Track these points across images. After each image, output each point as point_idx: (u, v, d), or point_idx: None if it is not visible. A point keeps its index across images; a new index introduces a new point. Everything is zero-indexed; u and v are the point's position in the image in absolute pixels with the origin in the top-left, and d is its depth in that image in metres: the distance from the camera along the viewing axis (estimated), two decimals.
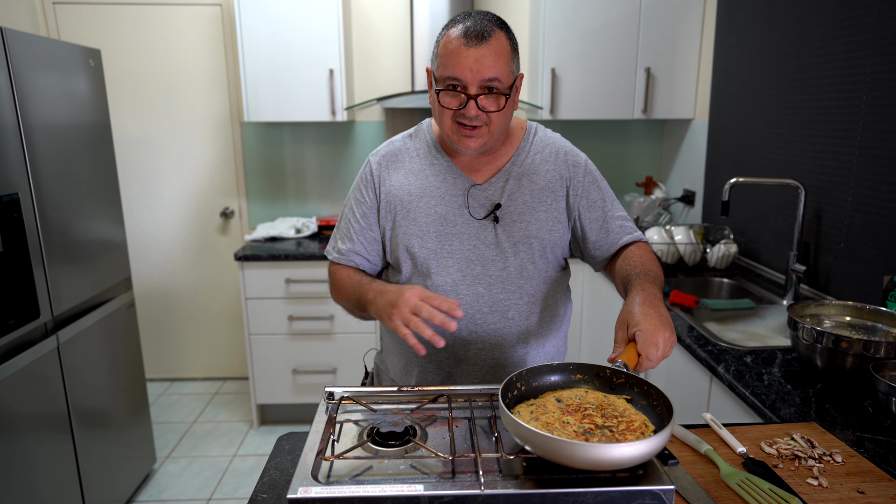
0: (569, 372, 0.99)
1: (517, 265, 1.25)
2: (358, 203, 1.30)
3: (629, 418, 0.88)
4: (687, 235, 2.54)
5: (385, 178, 1.28)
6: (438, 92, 1.14)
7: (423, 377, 1.29)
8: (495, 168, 1.27)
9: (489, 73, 1.10)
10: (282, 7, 2.80)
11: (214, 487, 2.65)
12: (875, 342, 1.32)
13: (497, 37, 1.10)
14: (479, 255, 1.24)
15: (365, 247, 1.30)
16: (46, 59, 1.99)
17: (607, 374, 0.97)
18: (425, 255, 1.24)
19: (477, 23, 1.11)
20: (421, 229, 1.24)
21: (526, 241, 1.24)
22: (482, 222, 1.24)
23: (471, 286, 1.24)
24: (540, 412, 0.90)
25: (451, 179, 1.26)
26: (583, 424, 0.86)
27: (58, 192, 2.03)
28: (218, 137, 3.33)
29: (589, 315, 2.87)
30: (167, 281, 3.50)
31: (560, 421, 0.87)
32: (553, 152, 1.29)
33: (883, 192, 1.74)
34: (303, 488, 0.77)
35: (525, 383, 0.96)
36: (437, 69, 1.15)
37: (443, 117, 1.17)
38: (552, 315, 1.31)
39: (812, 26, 2.04)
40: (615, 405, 0.91)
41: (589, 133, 3.37)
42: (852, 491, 0.91)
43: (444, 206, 1.24)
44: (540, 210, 1.25)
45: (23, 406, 1.85)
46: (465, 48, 1.09)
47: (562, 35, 2.86)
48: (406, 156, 1.29)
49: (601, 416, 0.88)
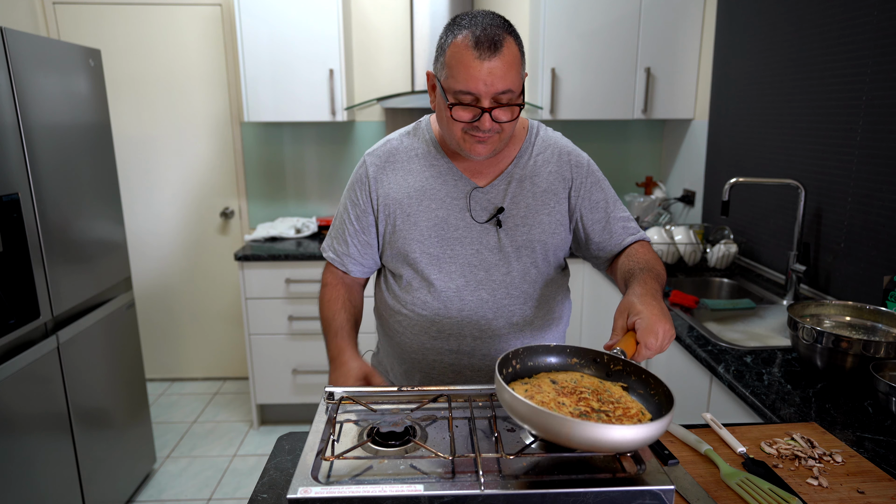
0: (566, 355, 0.98)
1: (520, 269, 1.23)
2: (353, 205, 1.28)
3: (625, 405, 0.87)
4: (687, 235, 2.54)
5: (382, 179, 1.25)
6: (451, 106, 1.09)
7: (427, 383, 1.27)
8: (497, 170, 1.24)
9: (502, 85, 1.06)
10: (282, 7, 2.80)
11: (214, 487, 2.65)
12: (875, 342, 1.32)
13: (508, 45, 1.06)
14: (482, 259, 1.22)
15: (359, 250, 1.29)
16: (46, 59, 1.99)
17: (604, 360, 0.96)
18: (427, 260, 1.22)
19: (487, 30, 1.05)
20: (422, 233, 1.22)
21: (529, 245, 1.23)
22: (484, 226, 1.22)
23: (475, 291, 1.23)
24: (535, 391, 0.89)
25: (453, 182, 1.23)
26: (578, 406, 0.85)
27: (58, 192, 2.03)
28: (218, 137, 3.33)
29: (589, 315, 2.87)
30: (167, 281, 3.50)
31: (556, 401, 0.86)
32: (555, 153, 1.27)
33: (883, 192, 1.74)
34: (303, 488, 0.77)
35: (521, 361, 0.95)
36: (445, 79, 1.10)
37: (452, 128, 1.13)
38: (554, 316, 1.30)
39: (812, 26, 2.04)
40: (611, 391, 0.90)
41: (589, 133, 3.37)
42: (852, 491, 0.91)
43: (446, 210, 1.22)
44: (543, 213, 1.24)
45: (23, 406, 1.85)
46: (477, 61, 1.04)
47: (562, 35, 2.86)
48: (404, 155, 1.26)
49: (597, 400, 0.88)
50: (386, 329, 1.34)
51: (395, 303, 1.29)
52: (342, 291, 1.31)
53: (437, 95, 1.15)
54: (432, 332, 1.24)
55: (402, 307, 1.27)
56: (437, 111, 1.18)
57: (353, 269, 1.32)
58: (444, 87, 1.11)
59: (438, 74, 1.13)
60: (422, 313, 1.24)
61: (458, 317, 1.23)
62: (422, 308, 1.24)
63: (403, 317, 1.27)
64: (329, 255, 1.33)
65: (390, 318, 1.31)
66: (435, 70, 1.14)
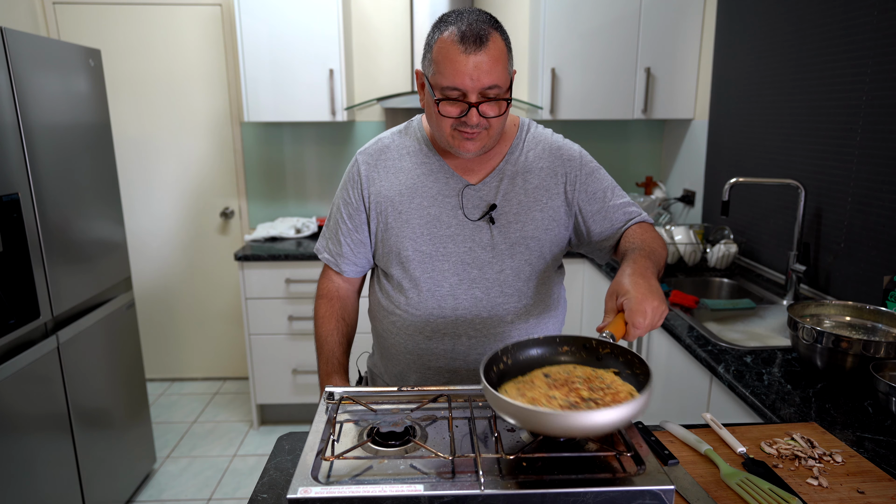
0: (555, 344, 0.99)
1: (514, 267, 1.23)
2: (346, 203, 1.28)
3: (615, 389, 0.88)
4: (687, 235, 2.54)
5: (374, 177, 1.25)
6: (438, 102, 1.10)
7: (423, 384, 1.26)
8: (489, 167, 1.24)
9: (489, 79, 1.06)
10: (282, 7, 2.81)
11: (214, 487, 2.65)
12: (875, 342, 1.32)
13: (494, 40, 1.06)
14: (474, 257, 1.22)
15: (352, 249, 1.30)
16: (46, 59, 1.99)
17: (593, 345, 0.97)
18: (419, 258, 1.22)
19: (472, 26, 1.05)
20: (414, 231, 1.22)
21: (523, 242, 1.22)
22: (477, 223, 1.22)
23: (468, 290, 1.22)
24: (526, 388, 0.90)
25: (444, 179, 1.23)
26: (568, 398, 0.86)
27: (58, 192, 2.03)
28: (218, 137, 3.33)
29: (589, 314, 2.86)
30: (167, 281, 3.50)
31: (546, 396, 0.87)
32: (546, 148, 1.26)
33: (883, 192, 1.74)
34: (303, 488, 0.77)
35: (511, 357, 0.96)
36: (432, 76, 1.10)
37: (441, 124, 1.13)
38: (550, 315, 1.30)
39: (812, 26, 2.04)
40: (602, 378, 0.91)
41: (589, 133, 3.37)
42: (852, 491, 0.91)
43: (437, 208, 1.22)
44: (535, 210, 1.23)
45: (23, 406, 1.85)
46: (462, 55, 1.05)
47: (562, 35, 2.86)
48: (395, 153, 1.26)
49: (588, 388, 0.89)
50: (380, 331, 1.34)
51: (388, 303, 1.29)
52: (336, 307, 1.34)
53: (425, 93, 1.15)
54: (427, 332, 1.24)
55: (395, 308, 1.27)
56: (426, 109, 1.18)
57: (347, 270, 1.32)
58: (431, 84, 1.11)
59: (426, 71, 1.13)
60: (415, 314, 1.24)
61: (453, 316, 1.23)
62: (415, 308, 1.24)
63: (397, 317, 1.27)
64: (324, 256, 1.34)
65: (384, 319, 1.31)
66: (423, 67, 1.14)
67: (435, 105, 1.11)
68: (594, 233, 1.27)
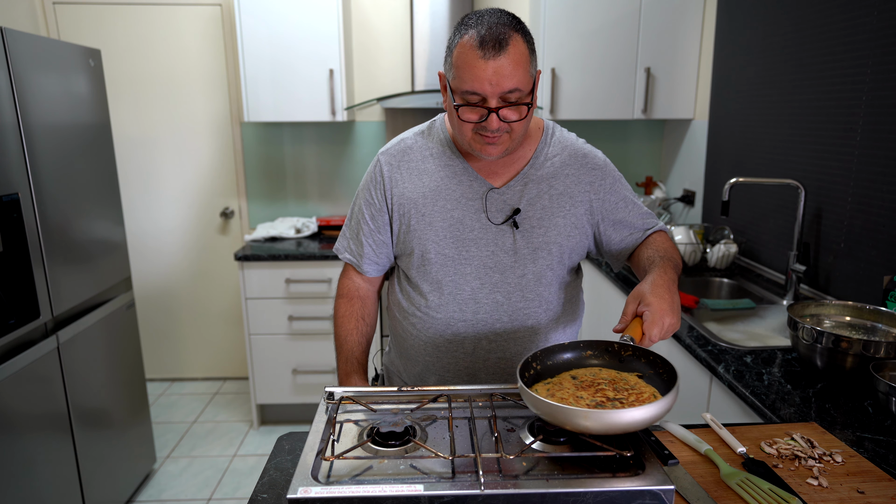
0: (580, 349, 1.04)
1: (535, 272, 1.22)
2: (368, 204, 1.27)
3: (639, 391, 0.92)
4: (687, 235, 2.54)
5: (397, 179, 1.24)
6: (458, 107, 1.09)
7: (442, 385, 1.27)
8: (514, 171, 1.23)
9: (509, 84, 1.04)
10: (282, 7, 2.80)
11: (214, 487, 2.65)
12: (875, 342, 1.32)
13: (514, 43, 1.04)
14: (497, 261, 1.21)
15: (374, 250, 1.29)
16: (46, 59, 1.99)
17: (615, 348, 1.02)
18: (442, 261, 1.21)
19: (492, 29, 1.03)
20: (437, 234, 1.21)
21: (545, 247, 1.22)
22: (500, 227, 1.21)
23: (490, 294, 1.22)
24: (556, 389, 0.94)
25: (468, 182, 1.22)
26: (595, 398, 0.90)
27: (58, 192, 2.03)
28: (218, 137, 3.33)
29: (589, 312, 2.86)
30: (167, 281, 3.50)
31: (574, 396, 0.91)
32: (571, 155, 1.25)
33: (883, 192, 1.74)
34: (303, 488, 0.77)
35: (540, 363, 1.01)
36: (452, 80, 1.09)
37: (462, 128, 1.12)
38: (569, 318, 1.30)
39: (812, 26, 2.04)
40: (627, 380, 0.96)
41: (589, 133, 3.37)
42: (852, 491, 0.91)
43: (461, 210, 1.21)
44: (559, 216, 1.22)
45: (23, 406, 1.85)
46: (481, 60, 1.03)
47: (562, 35, 2.86)
48: (418, 155, 1.25)
49: (613, 389, 0.93)
50: (399, 330, 1.33)
51: (409, 304, 1.28)
52: (357, 306, 1.32)
53: (446, 96, 1.14)
54: (447, 335, 1.24)
55: (416, 309, 1.27)
56: (448, 111, 1.17)
57: (368, 269, 1.32)
58: (451, 88, 1.10)
59: (447, 75, 1.12)
60: (436, 316, 1.24)
61: (474, 320, 1.23)
62: (436, 311, 1.24)
63: (418, 319, 1.26)
64: (345, 257, 1.33)
65: (404, 319, 1.30)
66: (444, 70, 1.13)
67: (455, 110, 1.10)
68: (614, 241, 1.28)
